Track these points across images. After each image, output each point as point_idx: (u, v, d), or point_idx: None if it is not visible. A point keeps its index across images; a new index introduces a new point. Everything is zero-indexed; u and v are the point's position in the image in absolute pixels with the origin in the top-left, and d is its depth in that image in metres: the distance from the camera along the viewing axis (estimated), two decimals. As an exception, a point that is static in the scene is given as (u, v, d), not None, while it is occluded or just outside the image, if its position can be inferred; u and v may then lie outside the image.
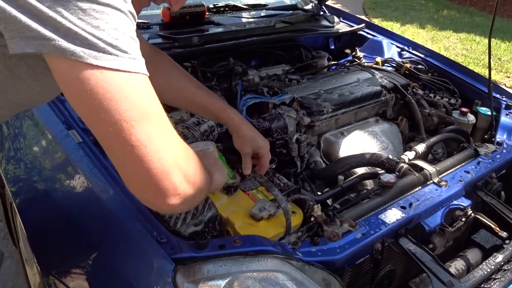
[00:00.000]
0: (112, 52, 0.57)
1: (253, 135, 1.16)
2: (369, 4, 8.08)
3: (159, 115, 0.64)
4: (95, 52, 0.56)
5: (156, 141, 0.62)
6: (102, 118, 0.58)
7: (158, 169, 0.62)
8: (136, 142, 0.60)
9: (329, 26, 2.12)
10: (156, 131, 0.62)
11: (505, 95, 1.81)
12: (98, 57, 0.56)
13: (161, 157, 0.62)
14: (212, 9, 2.01)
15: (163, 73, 1.14)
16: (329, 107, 1.55)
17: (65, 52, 0.55)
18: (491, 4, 7.99)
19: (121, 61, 0.58)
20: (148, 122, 0.61)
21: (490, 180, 1.42)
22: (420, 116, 1.72)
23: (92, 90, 0.57)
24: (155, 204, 0.68)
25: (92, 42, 0.55)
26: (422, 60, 2.04)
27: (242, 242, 0.93)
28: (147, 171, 0.62)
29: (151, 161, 0.61)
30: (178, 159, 0.66)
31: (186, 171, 0.67)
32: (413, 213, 1.18)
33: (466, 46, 5.83)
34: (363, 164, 1.40)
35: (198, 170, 0.72)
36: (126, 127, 0.59)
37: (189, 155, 0.71)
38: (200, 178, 0.73)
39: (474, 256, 1.26)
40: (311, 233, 1.06)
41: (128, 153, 0.60)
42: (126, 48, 0.59)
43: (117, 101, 0.58)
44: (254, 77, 1.77)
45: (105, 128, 0.59)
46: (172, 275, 0.84)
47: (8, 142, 1.43)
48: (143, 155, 0.61)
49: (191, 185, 0.68)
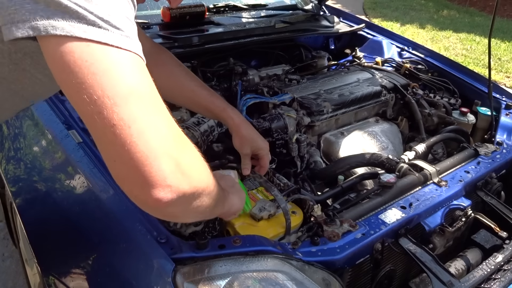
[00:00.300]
0: (102, 26, 0.54)
1: (253, 135, 1.15)
2: (369, 4, 8.08)
3: (150, 95, 0.58)
4: (84, 25, 0.53)
5: (141, 122, 0.55)
6: (84, 94, 0.53)
7: (143, 152, 0.55)
8: (119, 121, 0.54)
9: (329, 26, 2.12)
10: (144, 111, 0.56)
11: (505, 95, 1.81)
12: (87, 31, 0.53)
13: (147, 139, 0.55)
14: (212, 9, 2.00)
15: (164, 69, 1.13)
16: (329, 107, 1.55)
17: (55, 30, 0.52)
18: (491, 4, 7.99)
19: (110, 36, 0.54)
20: (134, 101, 0.55)
21: (490, 180, 1.42)
22: (420, 116, 1.72)
23: (76, 63, 0.53)
24: (141, 198, 0.59)
25: (82, 15, 0.53)
26: (422, 60, 2.04)
27: (242, 242, 0.93)
28: (131, 156, 0.55)
29: (135, 143, 0.54)
30: (168, 144, 0.58)
31: (179, 160, 0.59)
32: (413, 213, 1.18)
33: (466, 46, 5.83)
34: (363, 164, 1.40)
35: (197, 164, 0.65)
36: (109, 104, 0.54)
37: (185, 144, 0.63)
38: (201, 174, 0.65)
39: (474, 256, 1.26)
40: (311, 233, 1.06)
41: (109, 134, 0.54)
42: (119, 24, 0.56)
43: (102, 75, 0.53)
44: (254, 77, 1.77)
45: (87, 105, 0.54)
46: (172, 275, 0.84)
47: (8, 142, 1.43)
48: (125, 136, 0.54)
49: (186, 179, 0.60)
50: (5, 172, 1.35)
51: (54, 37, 0.53)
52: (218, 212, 0.83)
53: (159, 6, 1.83)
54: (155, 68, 1.10)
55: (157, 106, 0.59)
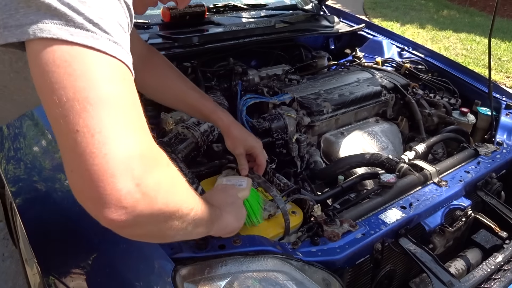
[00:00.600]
0: (90, 29, 0.52)
1: (244, 135, 1.16)
2: (369, 4, 8.08)
3: (125, 106, 0.54)
4: (71, 28, 0.52)
5: (107, 132, 0.51)
6: (55, 95, 0.51)
7: (100, 165, 0.50)
8: (83, 127, 0.50)
9: (329, 26, 2.12)
10: (113, 122, 0.52)
11: (505, 95, 1.81)
12: (74, 33, 0.52)
13: (108, 152, 0.51)
14: (212, 9, 2.00)
15: (156, 72, 1.14)
16: (329, 107, 1.55)
17: (41, 32, 0.51)
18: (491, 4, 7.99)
19: (96, 39, 0.53)
20: (105, 110, 0.51)
21: (490, 180, 1.42)
22: (420, 116, 1.72)
23: (54, 62, 0.51)
24: (94, 214, 0.54)
25: (70, 18, 0.51)
26: (422, 60, 2.04)
27: (242, 242, 0.93)
28: (87, 167, 0.50)
29: (95, 153, 0.50)
30: (133, 161, 0.52)
31: (142, 180, 0.53)
32: (413, 213, 1.18)
33: (466, 46, 5.83)
34: (363, 164, 1.40)
35: (167, 185, 0.58)
36: (77, 108, 0.50)
37: (156, 163, 0.56)
38: (170, 197, 0.59)
39: (474, 256, 1.26)
40: (311, 233, 1.06)
41: (71, 140, 0.51)
42: (108, 29, 0.54)
43: (76, 77, 0.51)
44: (254, 77, 1.78)
45: (56, 107, 0.51)
46: (172, 275, 0.84)
47: (8, 142, 1.43)
48: (87, 144, 0.50)
49: (147, 201, 0.54)
50: (5, 172, 1.35)
51: (41, 40, 0.51)
52: (204, 233, 0.78)
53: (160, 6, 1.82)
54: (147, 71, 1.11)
55: (130, 118, 0.55)
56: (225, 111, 1.19)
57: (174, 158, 1.20)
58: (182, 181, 0.64)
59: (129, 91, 0.56)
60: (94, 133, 0.50)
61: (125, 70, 0.56)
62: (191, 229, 0.68)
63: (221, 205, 0.86)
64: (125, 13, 0.58)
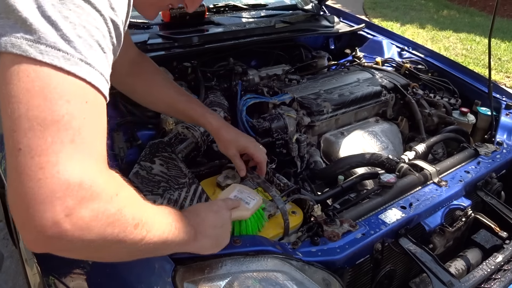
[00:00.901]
0: (62, 48, 0.51)
1: (235, 136, 1.16)
2: (369, 4, 8.08)
3: (78, 132, 0.51)
4: (42, 46, 0.50)
5: (47, 157, 0.49)
6: (10, 108, 0.50)
7: (32, 190, 0.48)
8: (25, 147, 0.49)
9: (329, 26, 2.12)
10: (57, 147, 0.49)
11: (505, 95, 1.81)
12: (44, 52, 0.50)
13: (43, 177, 0.48)
14: (212, 9, 2.00)
15: (145, 77, 1.15)
16: (329, 107, 1.55)
17: (12, 47, 0.50)
18: (491, 4, 7.99)
19: (67, 60, 0.51)
20: (53, 133, 0.49)
21: (490, 180, 1.42)
22: (420, 116, 1.72)
23: (18, 75, 0.50)
24: (21, 233, 0.52)
25: (44, 34, 0.50)
26: (422, 60, 2.04)
27: (242, 242, 0.93)
28: (22, 188, 0.49)
29: (30, 176, 0.48)
30: (68, 190, 0.50)
31: (74, 210, 0.50)
32: (413, 213, 1.18)
33: (466, 46, 5.83)
34: (363, 164, 1.40)
35: (109, 218, 0.54)
36: (25, 126, 0.49)
37: (97, 194, 0.52)
38: (111, 230, 0.55)
39: (474, 256, 1.26)
40: (311, 233, 1.06)
41: (14, 156, 0.49)
42: (83, 49, 0.53)
43: (34, 94, 0.49)
44: (254, 77, 1.78)
45: (7, 120, 0.50)
46: (172, 275, 0.84)
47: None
48: (25, 165, 0.49)
49: (79, 233, 0.51)
50: (5, 172, 1.35)
51: (10, 54, 0.51)
52: (168, 253, 0.78)
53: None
54: (137, 75, 1.11)
55: (81, 145, 0.52)
56: (214, 114, 1.19)
57: (174, 158, 1.20)
58: (131, 211, 0.59)
59: (90, 116, 0.53)
60: (34, 156, 0.49)
61: (91, 92, 0.54)
62: (145, 253, 0.67)
63: (203, 227, 0.83)
64: (110, 32, 0.57)
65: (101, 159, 0.55)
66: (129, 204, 0.59)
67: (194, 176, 1.15)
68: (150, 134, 1.37)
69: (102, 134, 0.56)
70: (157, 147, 1.24)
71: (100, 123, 0.56)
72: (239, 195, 1.01)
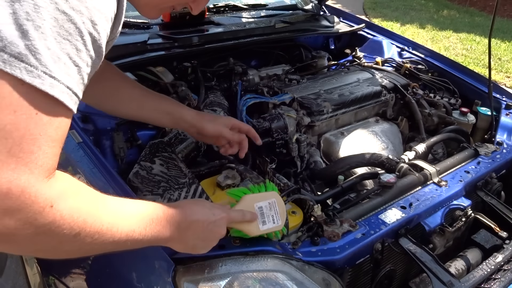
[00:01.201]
0: (25, 60, 0.50)
1: (215, 116, 1.15)
2: (369, 4, 8.08)
3: (19, 142, 0.51)
4: (6, 55, 0.50)
5: None
6: None
7: None
8: None
9: (329, 26, 2.12)
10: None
11: (505, 95, 1.81)
12: (7, 62, 0.50)
13: None
14: (212, 9, 2.00)
15: (108, 84, 1.07)
16: (329, 107, 1.55)
17: None
18: (491, 4, 7.99)
19: (29, 72, 0.51)
20: None
21: (490, 180, 1.42)
22: (420, 116, 1.72)
23: None
24: None
25: (10, 44, 0.50)
26: (422, 60, 2.04)
27: (242, 242, 0.93)
28: None
29: None
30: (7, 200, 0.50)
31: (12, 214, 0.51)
32: (413, 213, 1.18)
33: (466, 46, 5.83)
34: (363, 164, 1.40)
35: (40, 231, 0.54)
36: None
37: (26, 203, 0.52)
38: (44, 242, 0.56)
39: (474, 256, 1.26)
40: (311, 233, 1.06)
41: None
42: (49, 62, 0.52)
43: None
44: (254, 77, 1.78)
45: None
46: (172, 275, 0.84)
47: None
48: None
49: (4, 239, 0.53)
50: None
51: None
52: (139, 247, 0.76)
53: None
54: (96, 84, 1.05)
55: (18, 156, 0.51)
56: (183, 106, 1.15)
57: (174, 158, 1.20)
58: (72, 220, 0.58)
59: (38, 127, 0.53)
60: None
61: (48, 105, 0.53)
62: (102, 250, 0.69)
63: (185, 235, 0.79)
64: (86, 46, 0.56)
65: (41, 171, 0.54)
66: (72, 214, 0.58)
67: (194, 176, 1.15)
68: (150, 134, 1.37)
69: (50, 145, 0.55)
70: (157, 147, 1.24)
71: (52, 135, 0.55)
72: (265, 210, 0.92)
